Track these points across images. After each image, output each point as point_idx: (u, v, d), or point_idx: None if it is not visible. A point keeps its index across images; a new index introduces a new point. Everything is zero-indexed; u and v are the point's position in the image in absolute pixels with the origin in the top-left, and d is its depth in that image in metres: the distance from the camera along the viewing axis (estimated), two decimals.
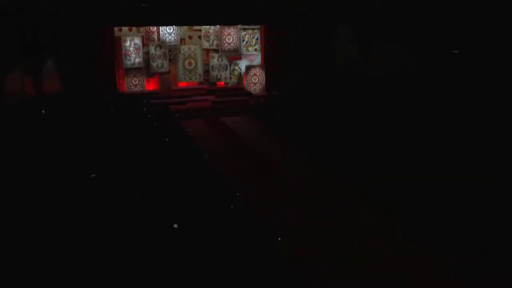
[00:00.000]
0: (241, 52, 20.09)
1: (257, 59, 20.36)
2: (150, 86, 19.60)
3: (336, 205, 9.29)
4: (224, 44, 19.74)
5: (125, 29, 18.84)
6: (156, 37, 19.24)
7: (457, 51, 11.30)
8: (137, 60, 18.95)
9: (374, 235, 8.08)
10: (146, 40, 19.18)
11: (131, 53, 18.81)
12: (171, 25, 18.86)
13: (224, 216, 7.14)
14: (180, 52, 19.52)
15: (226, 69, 20.03)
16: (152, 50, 19.15)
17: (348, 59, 15.57)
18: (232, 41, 19.79)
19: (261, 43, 20.17)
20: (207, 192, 7.98)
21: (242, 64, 20.26)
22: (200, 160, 10.03)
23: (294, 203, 9.42)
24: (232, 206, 7.51)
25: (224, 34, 19.68)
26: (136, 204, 6.87)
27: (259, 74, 20.07)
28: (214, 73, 19.98)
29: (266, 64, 20.09)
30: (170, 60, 19.56)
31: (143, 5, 16.12)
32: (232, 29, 19.71)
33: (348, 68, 15.28)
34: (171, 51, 19.57)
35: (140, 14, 16.22)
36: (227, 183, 9.01)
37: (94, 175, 7.14)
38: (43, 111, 9.99)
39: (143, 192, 7.23)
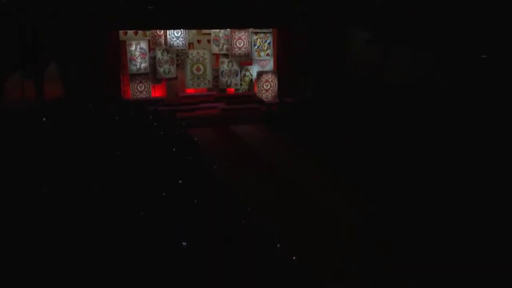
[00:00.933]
0: (253, 57, 19.97)
1: (269, 65, 20.23)
2: (157, 92, 19.50)
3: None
4: (234, 48, 19.63)
5: (130, 32, 18.76)
6: (163, 41, 19.14)
7: (484, 56, 11.14)
8: (143, 65, 18.86)
9: None
10: (153, 44, 19.09)
11: (136, 57, 18.73)
12: (172, 28, 18.68)
13: (234, 230, 7.02)
14: (188, 57, 19.41)
15: (237, 75, 19.93)
16: (159, 54, 19.06)
17: (366, 64, 15.34)
18: (243, 45, 19.68)
19: (273, 47, 20.05)
20: (215, 205, 7.79)
21: (254, 70, 20.13)
22: (208, 172, 9.84)
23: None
24: (242, 221, 7.40)
25: (234, 38, 19.57)
26: (142, 219, 6.75)
27: (272, 81, 19.92)
28: (223, 79, 19.85)
29: (279, 69, 19.92)
30: (177, 65, 19.45)
31: (149, 7, 16.03)
32: (243, 33, 19.60)
33: (368, 74, 15.05)
34: (179, 56, 19.47)
35: (141, 15, 16.09)
36: (236, 196, 8.80)
37: (96, 187, 7.00)
38: (44, 118, 9.92)
39: (149, 206, 7.10)
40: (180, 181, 8.45)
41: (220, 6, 16.53)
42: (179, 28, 18.89)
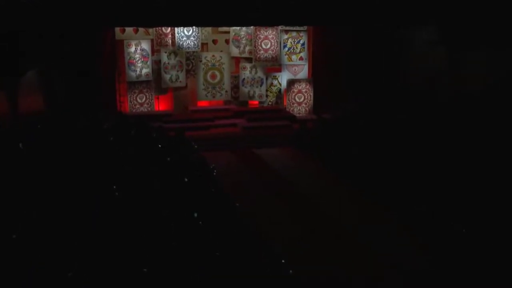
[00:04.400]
0: (282, 62, 19.96)
1: (303, 71, 20.18)
2: (161, 105, 19.49)
3: None
4: (259, 51, 19.56)
5: (129, 30, 18.69)
6: (170, 41, 19.07)
7: None
8: (144, 71, 18.85)
9: None
10: (157, 45, 19.07)
11: (136, 61, 18.71)
12: (182, 24, 18.49)
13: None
14: (201, 61, 19.37)
15: (262, 84, 19.89)
16: (164, 58, 19.03)
17: (430, 70, 15.05)
18: (270, 47, 19.61)
19: (308, 50, 19.98)
20: (240, 258, 7.64)
21: (283, 78, 20.10)
22: (230, 211, 9.80)
23: None
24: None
25: (259, 38, 19.50)
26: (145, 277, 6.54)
27: (306, 91, 19.85)
28: (245, 89, 19.80)
29: (315, 77, 19.86)
30: (187, 71, 19.47)
31: None
32: (270, 31, 19.50)
33: (432, 82, 14.75)
34: (190, 60, 19.48)
35: (142, 8, 15.88)
36: (267, 246, 8.63)
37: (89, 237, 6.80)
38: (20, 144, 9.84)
39: (155, 260, 6.86)
40: (194, 225, 8.36)
41: None
42: (190, 25, 18.71)
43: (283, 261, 8.15)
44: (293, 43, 19.88)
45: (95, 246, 6.89)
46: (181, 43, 19.09)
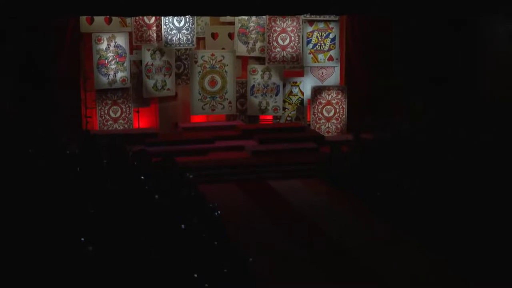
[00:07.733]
0: (305, 63, 19.85)
1: (333, 76, 20.09)
2: (142, 121, 19.43)
3: None
4: (274, 48, 19.48)
5: (99, 19, 18.45)
6: (155, 35, 18.92)
7: None
8: (119, 75, 18.73)
9: None
10: (137, 40, 18.91)
11: (109, 62, 18.56)
12: (170, 14, 18.40)
13: None
14: (196, 61, 19.24)
15: (277, 93, 19.78)
16: (147, 57, 18.92)
17: None
18: (289, 43, 19.54)
19: (340, 46, 19.88)
20: None
21: (306, 84, 19.97)
22: (239, 267, 10.02)
23: None
24: None
25: (274, 31, 19.42)
26: None
27: (337, 103, 19.79)
28: (255, 100, 19.69)
29: (350, 83, 19.82)
30: (178, 76, 19.43)
31: None
32: (289, 22, 19.41)
33: None
34: (181, 61, 19.45)
35: None
36: None
37: None
38: None
39: None
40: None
41: None
42: (182, 15, 18.57)
43: None
44: (320, 37, 19.82)
45: None
46: (169, 37, 18.98)
